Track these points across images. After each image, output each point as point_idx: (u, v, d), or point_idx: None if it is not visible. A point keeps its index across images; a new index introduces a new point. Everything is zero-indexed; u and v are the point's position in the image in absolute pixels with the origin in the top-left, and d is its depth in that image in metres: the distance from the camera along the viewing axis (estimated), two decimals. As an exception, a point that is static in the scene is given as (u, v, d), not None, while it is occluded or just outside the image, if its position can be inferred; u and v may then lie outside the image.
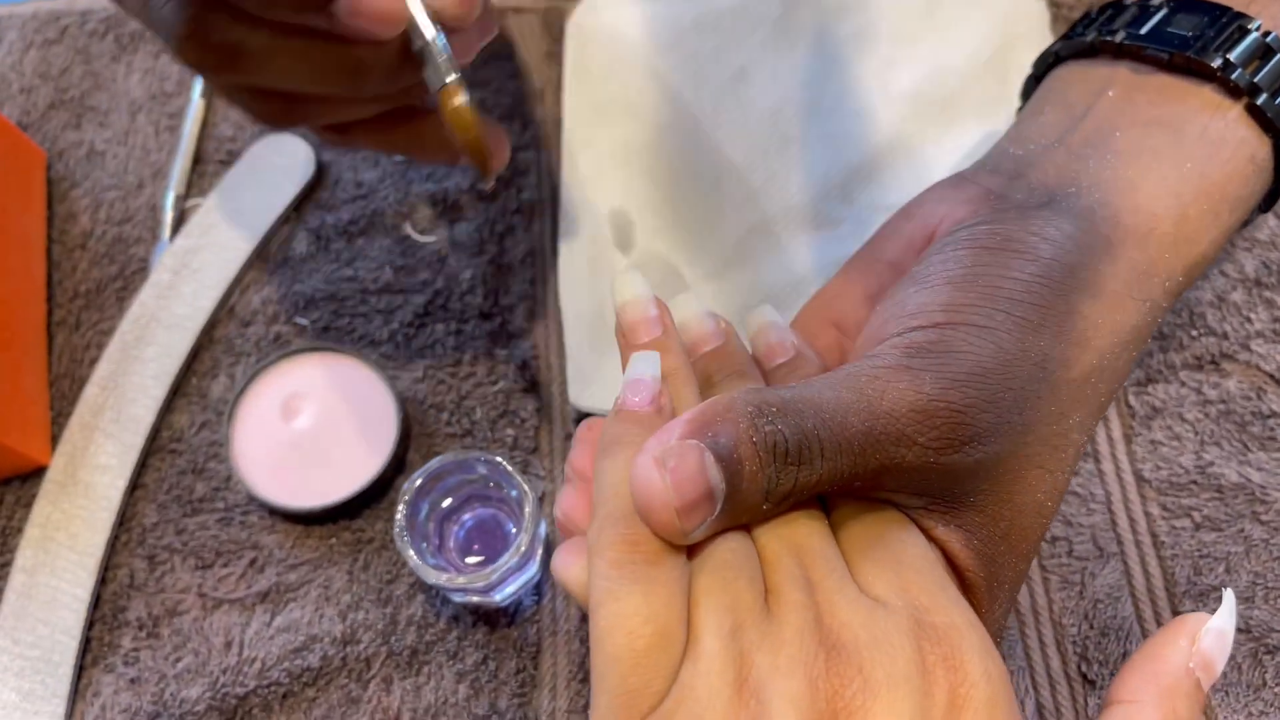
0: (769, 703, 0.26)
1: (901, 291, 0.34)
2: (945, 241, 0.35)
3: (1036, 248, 0.33)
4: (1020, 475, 0.31)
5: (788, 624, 0.27)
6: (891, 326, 0.33)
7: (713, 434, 0.28)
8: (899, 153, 0.52)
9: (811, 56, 0.54)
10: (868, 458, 0.29)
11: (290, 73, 0.33)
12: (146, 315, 0.50)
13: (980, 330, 0.31)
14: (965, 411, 0.30)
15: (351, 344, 0.50)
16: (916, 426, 0.29)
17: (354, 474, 0.46)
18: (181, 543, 0.46)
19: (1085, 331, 0.32)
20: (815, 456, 0.28)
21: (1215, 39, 0.37)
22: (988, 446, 0.30)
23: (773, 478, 0.28)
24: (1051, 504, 0.32)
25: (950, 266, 0.33)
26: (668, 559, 0.28)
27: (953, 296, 0.32)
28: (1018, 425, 0.30)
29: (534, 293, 0.50)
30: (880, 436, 0.29)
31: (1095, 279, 0.33)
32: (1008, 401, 0.30)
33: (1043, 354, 0.31)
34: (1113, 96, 0.38)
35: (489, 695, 0.43)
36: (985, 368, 0.30)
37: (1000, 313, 0.32)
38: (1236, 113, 0.36)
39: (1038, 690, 0.42)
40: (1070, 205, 0.35)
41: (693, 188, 0.52)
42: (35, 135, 0.55)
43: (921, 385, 0.30)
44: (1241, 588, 0.43)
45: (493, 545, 0.45)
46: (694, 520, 0.28)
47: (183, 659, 0.44)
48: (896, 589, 0.29)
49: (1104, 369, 0.33)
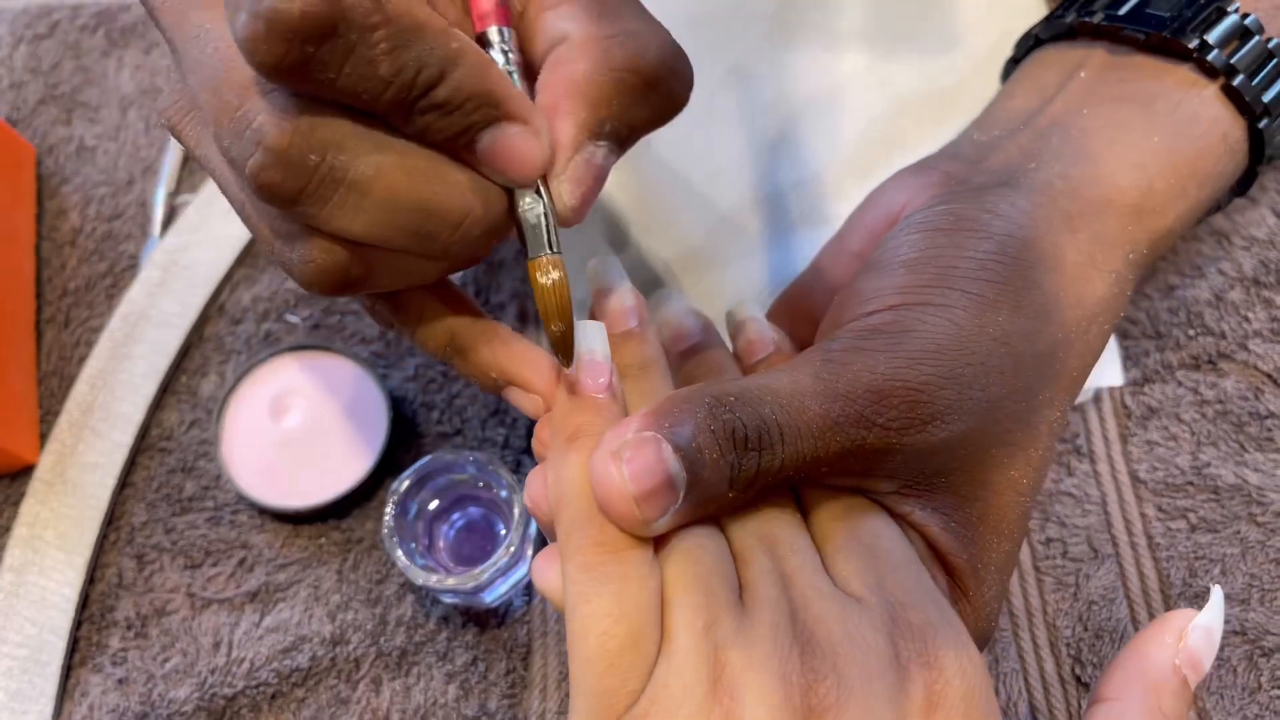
0: (742, 700, 0.26)
1: (858, 279, 0.34)
2: (901, 226, 0.35)
3: (990, 225, 0.33)
4: (991, 453, 0.31)
5: (761, 620, 0.27)
6: (847, 313, 0.33)
7: (669, 425, 0.28)
8: (894, 149, 0.51)
9: (806, 53, 0.53)
10: (828, 440, 0.29)
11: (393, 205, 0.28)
12: (136, 313, 0.50)
13: (935, 309, 0.31)
14: (922, 390, 0.29)
15: (342, 342, 0.49)
16: (874, 407, 0.29)
17: (344, 473, 0.45)
18: (170, 542, 0.46)
19: (1046, 305, 0.32)
20: (775, 441, 0.28)
21: (1193, 20, 0.37)
22: (951, 425, 0.30)
23: (735, 464, 0.28)
24: (1028, 481, 0.32)
25: (904, 250, 0.33)
26: (636, 558, 0.28)
27: (906, 279, 0.32)
28: (982, 402, 0.30)
29: (525, 290, 0.50)
30: (839, 418, 0.29)
31: (1054, 252, 0.33)
32: (968, 378, 0.30)
33: (1002, 329, 0.31)
34: (1085, 76, 0.38)
35: (479, 696, 0.43)
36: (940, 345, 0.30)
37: (955, 291, 0.31)
38: (1212, 92, 0.37)
39: (1031, 693, 0.42)
40: (1028, 181, 0.35)
41: (686, 185, 0.51)
42: (25, 131, 0.55)
43: (876, 365, 0.30)
44: (1237, 590, 0.43)
45: (482, 546, 0.44)
46: (654, 509, 0.28)
47: (171, 659, 0.44)
48: (872, 585, 0.28)
49: (1071, 342, 0.33)
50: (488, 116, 0.27)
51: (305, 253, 0.28)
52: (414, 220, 0.28)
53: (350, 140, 0.27)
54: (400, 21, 0.25)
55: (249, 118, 0.26)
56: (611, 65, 0.29)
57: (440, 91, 0.26)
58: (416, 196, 0.28)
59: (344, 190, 0.27)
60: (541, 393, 0.33)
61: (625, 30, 0.30)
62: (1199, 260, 0.49)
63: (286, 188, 0.26)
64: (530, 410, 0.33)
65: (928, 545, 0.31)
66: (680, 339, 0.36)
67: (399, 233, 0.28)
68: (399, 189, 0.27)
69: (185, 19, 0.28)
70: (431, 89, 0.26)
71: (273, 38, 0.24)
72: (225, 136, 0.27)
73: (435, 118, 0.27)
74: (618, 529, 0.28)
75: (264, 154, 0.26)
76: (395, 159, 0.27)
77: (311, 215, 0.27)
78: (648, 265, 0.50)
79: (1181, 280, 0.48)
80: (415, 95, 0.26)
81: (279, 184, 0.26)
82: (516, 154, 0.28)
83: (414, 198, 0.28)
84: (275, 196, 0.27)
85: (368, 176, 0.27)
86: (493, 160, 0.28)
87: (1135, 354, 0.47)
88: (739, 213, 0.50)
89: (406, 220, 0.28)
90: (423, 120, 0.27)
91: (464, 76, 0.26)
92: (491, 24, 0.30)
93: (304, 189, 0.27)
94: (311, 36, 0.24)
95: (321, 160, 0.26)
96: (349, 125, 0.27)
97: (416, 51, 0.26)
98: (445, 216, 0.28)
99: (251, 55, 0.24)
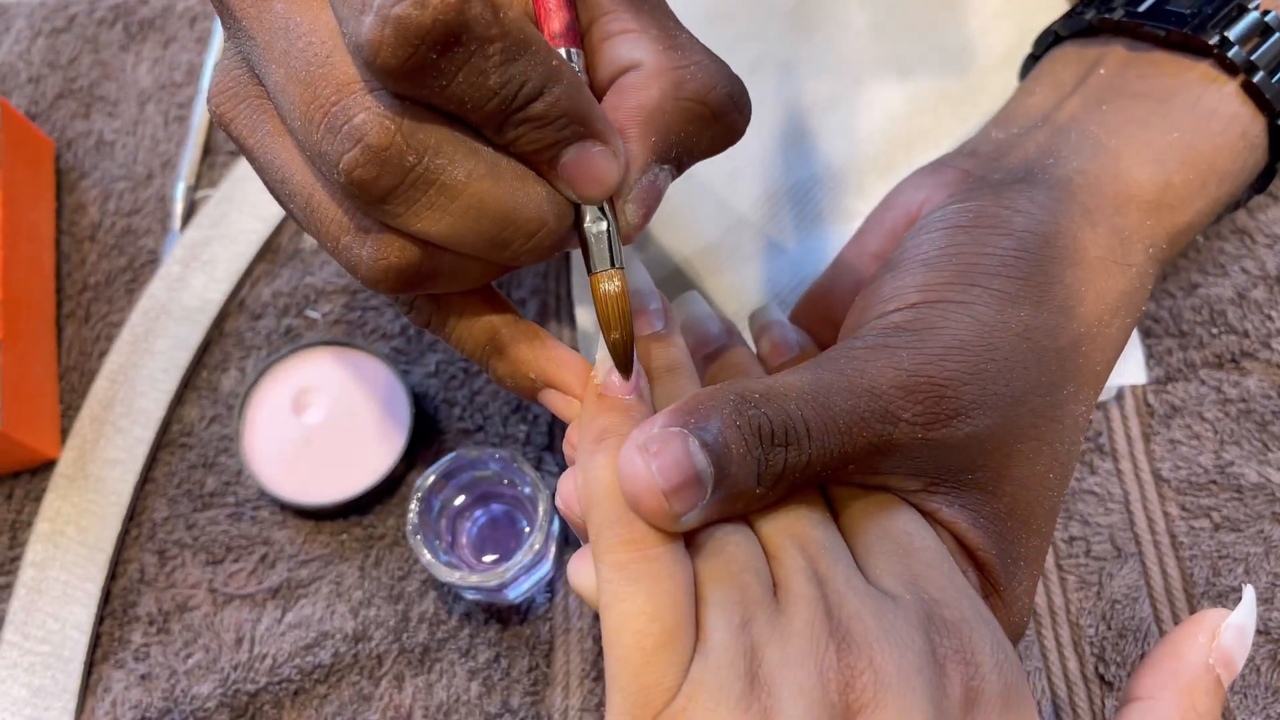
0: (780, 695, 0.26)
1: (879, 279, 0.34)
2: (920, 225, 0.35)
3: (1010, 221, 0.33)
4: (1016, 448, 0.31)
5: (797, 616, 0.27)
6: (869, 312, 0.33)
7: (695, 421, 0.28)
8: (914, 147, 0.51)
9: (826, 48, 0.53)
10: (855, 436, 0.29)
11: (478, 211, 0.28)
12: (156, 308, 0.50)
13: (956, 306, 0.31)
14: (947, 385, 0.30)
15: (363, 338, 0.49)
16: (900, 402, 0.29)
17: (365, 470, 0.45)
18: (192, 538, 0.46)
19: (1068, 299, 0.32)
20: (802, 437, 0.29)
21: (1213, 17, 0.37)
22: (976, 420, 0.30)
23: (762, 460, 0.28)
24: (1055, 476, 0.32)
25: (924, 249, 0.34)
26: (667, 556, 0.28)
27: (927, 277, 0.33)
28: (1006, 397, 0.30)
29: (546, 286, 0.50)
30: (865, 413, 0.29)
31: (1075, 246, 0.33)
32: (991, 373, 0.30)
33: (1024, 324, 0.31)
34: (1104, 73, 0.39)
35: (501, 693, 0.43)
36: (963, 341, 0.31)
37: (976, 287, 0.32)
38: (1232, 89, 0.37)
39: (1054, 691, 0.42)
40: (1046, 177, 0.35)
41: (705, 182, 0.51)
42: (44, 125, 0.55)
43: (900, 362, 0.30)
44: (1261, 589, 0.43)
45: (506, 542, 0.44)
46: (683, 504, 0.28)
47: (193, 655, 0.44)
48: (906, 582, 0.29)
49: (1094, 336, 0.33)
50: (576, 134, 0.28)
51: (378, 250, 0.29)
52: (494, 228, 0.28)
53: (447, 145, 0.27)
54: (514, 35, 0.26)
55: (347, 113, 0.26)
56: (682, 95, 0.30)
57: (538, 106, 0.27)
58: (500, 205, 0.28)
59: (434, 192, 0.27)
60: (580, 396, 0.33)
61: (696, 63, 0.30)
62: (1222, 259, 0.48)
63: (380, 185, 0.27)
64: (566, 414, 0.33)
65: (956, 542, 0.31)
66: (704, 343, 0.37)
67: (477, 238, 0.28)
68: (486, 196, 0.28)
69: (267, 10, 0.28)
70: (531, 103, 0.27)
71: (400, 42, 0.24)
72: (316, 130, 0.27)
73: (528, 130, 0.27)
74: (648, 527, 0.28)
75: (363, 150, 0.26)
76: (486, 167, 0.28)
77: (396, 214, 0.28)
78: (667, 263, 0.50)
79: (1204, 279, 0.48)
80: (515, 107, 0.27)
81: (373, 181, 0.27)
82: (596, 172, 0.29)
83: (498, 206, 0.28)
84: (366, 193, 0.27)
85: (459, 181, 0.27)
86: (574, 176, 0.29)
87: (1158, 352, 0.47)
88: (758, 210, 0.50)
89: (487, 227, 0.28)
90: (515, 132, 0.27)
91: (561, 94, 0.27)
92: (563, 45, 0.30)
93: (396, 188, 0.27)
94: (438, 44, 0.25)
95: (418, 162, 0.27)
96: (446, 130, 0.27)
97: (523, 65, 0.26)
98: (523, 226, 0.29)
99: (374, 57, 0.25)
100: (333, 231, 0.30)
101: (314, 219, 0.30)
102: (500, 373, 0.34)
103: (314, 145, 0.27)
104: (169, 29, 0.57)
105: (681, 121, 0.30)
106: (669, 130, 0.30)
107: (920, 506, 0.31)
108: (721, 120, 0.31)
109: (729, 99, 0.31)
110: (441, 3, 0.24)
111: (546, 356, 0.33)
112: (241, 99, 0.30)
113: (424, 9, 0.24)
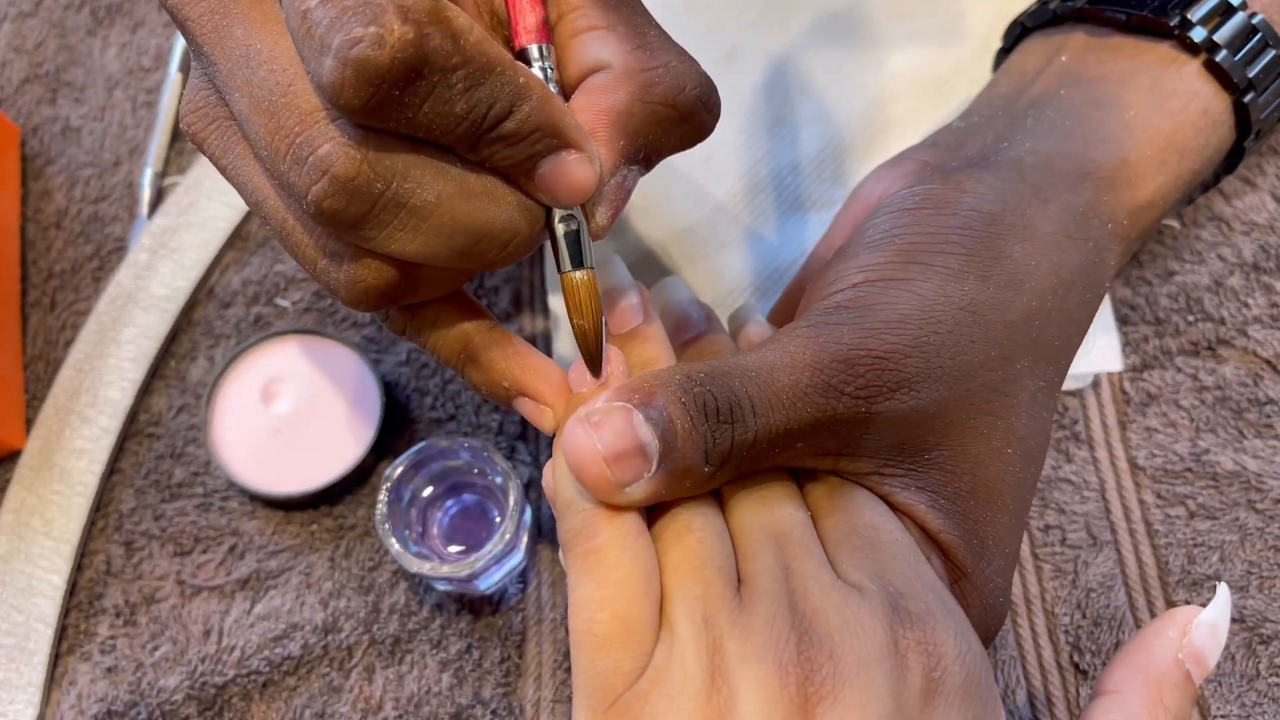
0: (738, 689, 0.26)
1: (828, 265, 0.35)
2: (872, 213, 0.36)
3: (956, 201, 0.34)
4: (969, 424, 0.31)
5: (759, 611, 0.27)
6: (814, 296, 0.33)
7: (639, 397, 0.29)
8: (892, 133, 0.51)
9: (803, 36, 0.53)
10: (799, 410, 0.29)
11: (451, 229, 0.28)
12: (123, 296, 0.49)
13: (898, 283, 0.32)
14: (888, 357, 0.30)
15: (333, 326, 0.49)
16: (842, 376, 0.30)
17: (335, 459, 0.45)
18: (160, 529, 0.46)
19: (1017, 274, 0.32)
20: (747, 413, 0.29)
21: None
22: (922, 393, 0.30)
23: (709, 437, 0.29)
24: (1013, 450, 0.32)
25: (869, 233, 0.34)
26: (616, 545, 0.29)
27: (869, 258, 0.33)
28: (953, 371, 0.31)
29: (520, 274, 0.49)
30: (807, 388, 0.29)
31: (1023, 223, 0.33)
32: (935, 346, 0.31)
33: (969, 298, 0.32)
34: (1065, 60, 0.39)
35: (473, 684, 0.42)
36: (904, 315, 0.31)
37: (917, 264, 0.32)
38: (1193, 68, 0.37)
39: (1029, 680, 0.42)
40: (998, 159, 0.36)
41: (681, 169, 0.51)
42: (9, 110, 0.54)
43: (841, 337, 0.30)
44: (1236, 577, 0.43)
45: (477, 533, 0.44)
46: (626, 473, 0.28)
47: (160, 647, 0.43)
48: (872, 574, 0.29)
49: (1048, 310, 0.33)
50: (550, 146, 0.28)
51: (354, 273, 0.29)
52: (467, 242, 0.28)
53: (414, 169, 0.27)
54: (476, 61, 0.26)
55: (312, 145, 0.26)
56: (651, 99, 0.30)
57: (509, 125, 0.27)
58: (473, 221, 0.28)
59: (405, 215, 0.27)
60: (552, 405, 0.33)
61: (664, 65, 0.30)
62: (1199, 246, 0.48)
63: (350, 213, 0.27)
64: (540, 421, 0.33)
65: (918, 528, 0.32)
66: (683, 329, 0.37)
67: (451, 253, 0.28)
68: (458, 214, 0.28)
69: (228, 35, 0.27)
70: (501, 122, 0.27)
71: (361, 83, 0.24)
72: (282, 161, 0.27)
73: (501, 148, 0.27)
74: (595, 512, 0.29)
75: (330, 182, 0.26)
76: (455, 185, 0.28)
77: (369, 238, 0.27)
78: (644, 249, 0.49)
79: (1181, 266, 0.48)
80: (485, 128, 0.27)
81: (342, 210, 0.26)
82: (574, 180, 0.29)
83: (470, 222, 0.28)
84: (336, 221, 0.27)
85: (429, 203, 0.27)
86: (551, 184, 0.29)
87: (1134, 340, 0.47)
88: (736, 197, 0.50)
89: (460, 242, 0.28)
90: (489, 150, 0.27)
91: (531, 110, 0.27)
92: (534, 40, 0.30)
93: (367, 214, 0.27)
94: (399, 81, 0.24)
95: (387, 188, 0.27)
96: (412, 155, 0.27)
97: (489, 89, 0.26)
98: (497, 236, 0.29)
99: (336, 98, 0.25)
100: (309, 255, 0.30)
101: (289, 244, 0.30)
102: (475, 380, 0.34)
103: (281, 175, 0.27)
104: (137, 13, 0.56)
105: (649, 124, 0.30)
106: (637, 134, 0.30)
107: (876, 490, 0.32)
108: (689, 121, 0.31)
109: (698, 101, 0.31)
110: (399, 40, 0.24)
111: (520, 365, 0.33)
112: (212, 119, 0.30)
113: (381, 48, 0.24)
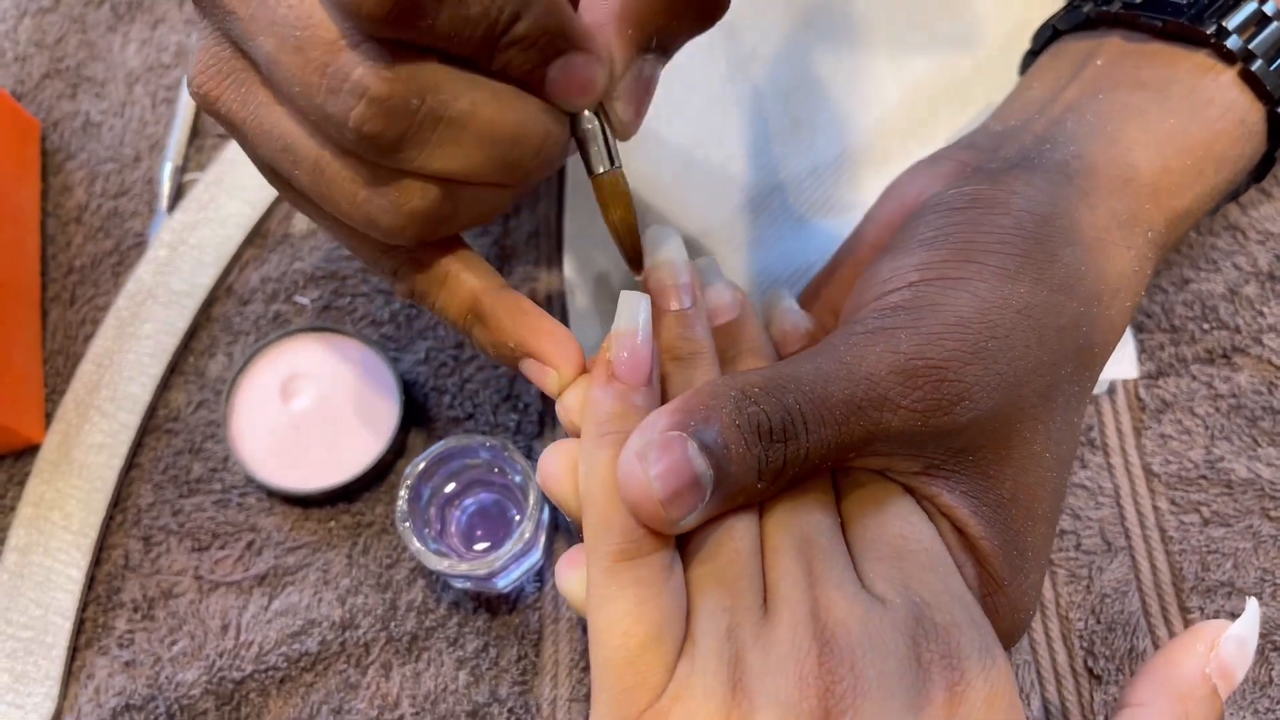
0: (758, 703, 0.26)
1: (877, 262, 0.34)
2: (918, 212, 0.35)
3: (1008, 201, 0.33)
4: (1016, 430, 0.31)
5: (781, 623, 0.27)
6: (868, 294, 0.33)
7: (696, 423, 0.28)
8: (910, 138, 0.51)
9: (823, 38, 0.53)
10: (852, 425, 0.29)
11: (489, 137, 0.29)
12: (143, 291, 0.49)
13: (955, 282, 0.31)
14: (947, 366, 0.29)
15: (352, 324, 0.49)
16: (898, 388, 0.29)
17: (354, 457, 0.45)
18: (178, 524, 0.46)
19: (1068, 278, 0.32)
20: (799, 430, 0.28)
21: (1210, 6, 0.37)
22: (979, 403, 0.29)
23: (762, 457, 0.28)
24: (1050, 455, 0.31)
25: (921, 231, 0.33)
26: (659, 562, 0.28)
27: (925, 256, 0.32)
28: (1009, 377, 0.30)
29: (539, 274, 0.50)
30: (861, 402, 0.29)
31: (1073, 226, 0.33)
32: (993, 352, 0.30)
33: (1024, 301, 0.31)
34: (1101, 64, 0.39)
35: (489, 682, 0.43)
36: (963, 318, 0.30)
37: (974, 264, 0.31)
38: (1229, 77, 0.37)
39: (1043, 685, 0.42)
40: (1043, 161, 0.35)
41: (700, 170, 0.51)
42: (29, 105, 0.54)
43: (898, 345, 0.29)
44: (1249, 584, 0.43)
45: (495, 531, 0.44)
46: (681, 510, 0.28)
47: (178, 642, 0.44)
48: (899, 585, 0.28)
49: (1094, 316, 0.32)
50: (558, 48, 0.28)
51: (400, 197, 0.29)
52: (505, 150, 0.29)
53: (445, 81, 0.28)
54: None
55: (345, 72, 0.27)
56: None
57: (520, 27, 0.27)
58: (507, 126, 0.29)
59: (443, 128, 0.28)
60: (558, 367, 0.33)
61: None
62: (1214, 254, 0.48)
63: (391, 133, 0.27)
64: (544, 384, 0.33)
65: (956, 531, 0.31)
66: (718, 314, 0.36)
67: (491, 164, 0.29)
68: (494, 121, 0.28)
69: None
70: (514, 24, 0.27)
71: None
72: (317, 94, 0.27)
73: (515, 53, 0.28)
74: (643, 532, 0.28)
75: (368, 104, 0.27)
76: (486, 93, 0.28)
77: (411, 158, 0.28)
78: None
79: (1196, 274, 0.48)
80: (500, 31, 0.27)
81: (383, 131, 0.27)
82: (583, 81, 0.29)
83: (505, 127, 0.29)
84: (379, 144, 0.27)
85: (466, 112, 0.28)
86: (563, 88, 0.29)
87: (1150, 347, 0.47)
88: (753, 199, 0.50)
89: (499, 150, 0.29)
90: (505, 56, 0.28)
91: (539, 12, 0.27)
92: None
93: (406, 132, 0.27)
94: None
95: (422, 103, 0.27)
96: (441, 68, 0.27)
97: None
98: (529, 141, 0.29)
99: (359, 9, 0.25)
100: (348, 190, 0.30)
101: (325, 182, 0.30)
102: (481, 340, 0.34)
103: (317, 109, 0.27)
104: (157, 9, 0.56)
105: (658, 9, 0.30)
106: (646, 21, 0.30)
107: (919, 491, 0.31)
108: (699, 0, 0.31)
109: None
110: None
111: (528, 326, 0.33)
112: (227, 74, 0.30)
113: None
